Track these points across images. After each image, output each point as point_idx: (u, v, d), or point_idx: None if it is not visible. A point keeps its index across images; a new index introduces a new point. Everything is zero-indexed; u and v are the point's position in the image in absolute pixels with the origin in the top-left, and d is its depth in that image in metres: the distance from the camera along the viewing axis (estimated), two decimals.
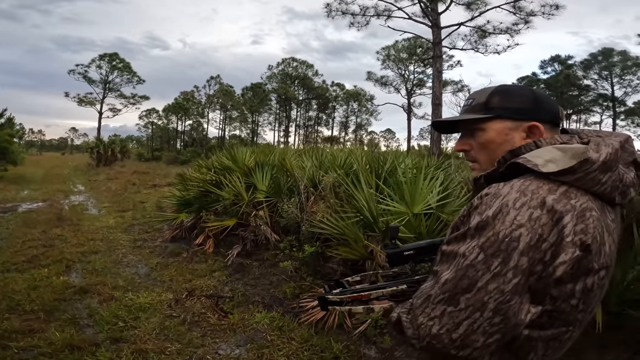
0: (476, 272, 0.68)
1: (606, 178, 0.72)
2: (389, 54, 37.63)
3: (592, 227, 0.69)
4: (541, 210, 0.68)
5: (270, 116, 46.26)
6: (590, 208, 0.70)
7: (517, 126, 0.82)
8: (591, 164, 0.71)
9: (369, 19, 15.60)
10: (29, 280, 3.60)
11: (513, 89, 0.85)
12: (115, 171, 17.38)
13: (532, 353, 0.73)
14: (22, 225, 6.09)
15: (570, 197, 0.70)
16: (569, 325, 0.72)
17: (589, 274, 0.70)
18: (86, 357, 2.36)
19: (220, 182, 5.08)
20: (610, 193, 0.74)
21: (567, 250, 0.67)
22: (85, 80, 40.19)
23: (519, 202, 0.69)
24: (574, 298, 0.70)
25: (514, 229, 0.68)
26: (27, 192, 10.58)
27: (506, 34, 15.23)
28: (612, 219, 0.75)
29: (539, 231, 0.67)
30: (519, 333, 0.71)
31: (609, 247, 0.72)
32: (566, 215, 0.68)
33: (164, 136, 44.43)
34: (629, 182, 0.76)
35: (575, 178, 0.71)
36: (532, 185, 0.71)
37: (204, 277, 3.99)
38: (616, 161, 0.74)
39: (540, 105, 0.82)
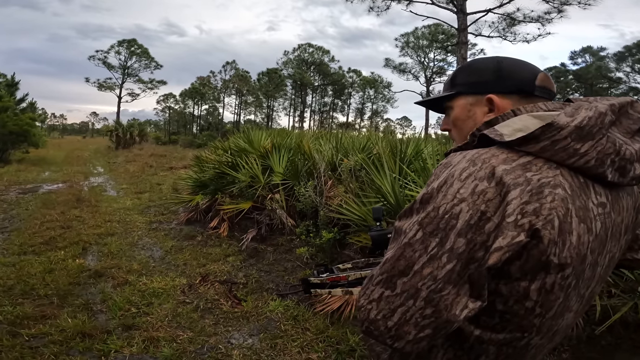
0: (413, 252, 0.58)
1: (586, 148, 0.58)
2: (408, 41, 36.71)
3: (549, 208, 0.55)
4: (488, 182, 0.56)
5: (286, 101, 46.11)
6: (556, 185, 0.56)
7: (478, 100, 0.74)
8: (558, 130, 0.58)
9: (390, 3, 15.04)
10: (45, 263, 3.58)
11: (476, 63, 0.77)
12: (134, 154, 17.62)
13: (483, 356, 0.64)
14: (42, 207, 6.16)
15: (529, 169, 0.57)
16: (523, 331, 0.61)
17: (547, 270, 0.56)
18: (97, 345, 2.29)
19: (236, 164, 4.96)
20: (597, 168, 0.59)
21: (505, 233, 0.54)
22: (104, 66, 40.84)
23: (465, 172, 0.58)
24: (528, 300, 0.58)
25: (455, 204, 0.56)
26: (47, 174, 10.79)
27: (537, 23, 14.45)
28: (598, 203, 0.60)
29: (481, 208, 0.55)
30: (469, 332, 0.62)
31: (577, 237, 0.57)
32: (514, 189, 0.55)
33: (180, 120, 44.97)
34: (629, 155, 0.60)
35: (541, 147, 0.58)
36: (486, 154, 0.59)
37: (218, 261, 3.91)
38: (600, 127, 0.59)
39: (502, 75, 0.72)
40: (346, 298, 2.69)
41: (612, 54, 33.61)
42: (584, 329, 2.17)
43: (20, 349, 2.21)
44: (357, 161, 3.82)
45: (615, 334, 2.17)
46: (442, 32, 33.73)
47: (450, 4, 13.98)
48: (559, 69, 37.83)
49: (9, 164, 12.31)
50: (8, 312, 2.61)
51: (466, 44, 13.96)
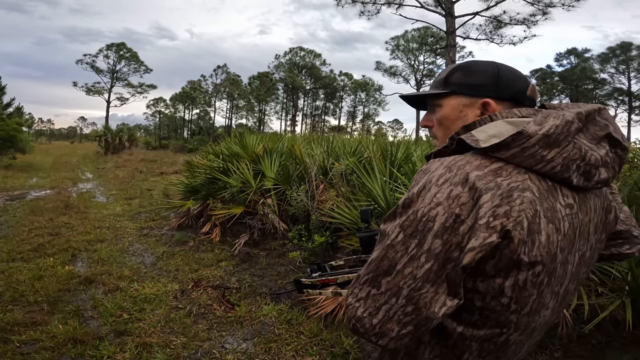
0: (395, 253, 0.62)
1: (553, 155, 0.62)
2: (399, 44, 37.15)
3: (519, 210, 0.59)
4: (462, 187, 0.60)
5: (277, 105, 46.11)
6: (524, 189, 0.60)
7: (472, 103, 0.76)
8: (527, 138, 0.62)
9: (380, 7, 15.22)
10: (34, 270, 3.53)
11: (475, 65, 0.78)
12: (123, 159, 17.42)
13: (466, 353, 0.67)
14: (30, 213, 6.07)
15: (500, 174, 0.61)
16: (502, 326, 0.64)
17: (519, 267, 0.60)
18: (89, 351, 2.27)
19: (227, 169, 4.96)
20: (562, 173, 0.63)
21: (478, 234, 0.58)
22: (93, 70, 40.41)
23: (442, 178, 0.62)
24: (504, 296, 0.62)
25: (432, 208, 0.60)
26: (35, 180, 10.61)
27: (523, 25, 14.78)
28: (566, 204, 0.65)
29: (456, 211, 0.59)
30: (452, 329, 0.66)
31: (547, 237, 0.61)
32: (486, 193, 0.59)
33: (171, 125, 44.60)
34: (594, 161, 0.64)
35: (511, 154, 0.62)
36: (462, 161, 0.63)
37: (210, 266, 3.89)
38: (567, 135, 0.63)
39: (500, 82, 0.74)
40: (339, 300, 2.71)
41: (596, 55, 34.56)
42: (574, 328, 2.20)
43: (12, 355, 2.19)
44: (348, 165, 3.86)
45: (605, 333, 2.22)
46: (432, 35, 34.20)
47: (439, 7, 14.20)
48: (544, 71, 38.57)
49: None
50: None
51: (454, 47, 14.18)
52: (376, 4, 15.20)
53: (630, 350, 2.09)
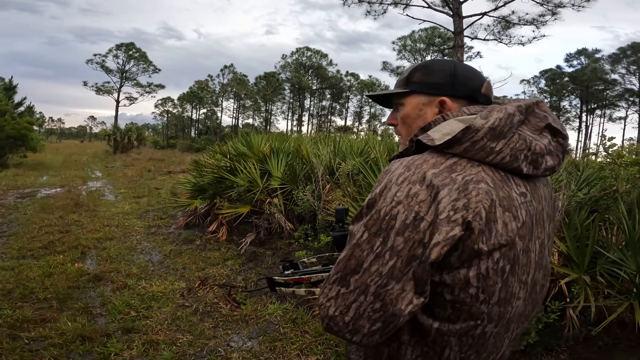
0: (362, 252, 0.65)
1: (501, 146, 0.66)
2: (405, 44, 36.96)
3: (476, 201, 0.62)
4: (420, 185, 0.63)
5: (284, 105, 46.17)
6: (478, 180, 0.64)
7: (431, 101, 0.79)
8: (475, 132, 0.66)
9: (386, 7, 15.13)
10: (44, 267, 3.59)
11: (434, 63, 0.82)
12: (132, 158, 17.60)
13: (447, 349, 0.68)
14: (40, 211, 6.16)
15: (455, 170, 0.64)
16: (475, 318, 0.66)
17: (480, 257, 0.63)
18: (97, 348, 2.30)
19: (234, 169, 4.98)
20: (512, 163, 0.67)
21: (440, 229, 0.61)
22: (102, 70, 40.86)
23: (401, 177, 0.65)
24: (471, 287, 0.64)
25: (393, 206, 0.63)
26: (45, 178, 10.77)
27: (532, 25, 14.59)
28: (520, 193, 0.68)
29: (415, 208, 0.62)
30: (429, 326, 0.67)
31: (503, 225, 0.63)
32: (443, 189, 0.62)
33: (178, 124, 44.93)
34: (539, 150, 0.69)
35: (463, 148, 0.66)
36: (419, 160, 0.67)
37: (216, 265, 3.92)
38: (510, 127, 0.67)
39: (456, 80, 0.78)
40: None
41: (607, 55, 33.96)
42: (581, 330, 2.18)
43: (21, 352, 2.22)
44: (354, 165, 3.86)
45: (612, 335, 2.19)
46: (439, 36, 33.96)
47: (446, 7, 14.09)
48: (554, 71, 38.09)
49: (7, 169, 12.28)
50: (8, 315, 2.61)
51: (462, 47, 14.06)
52: (383, 4, 15.12)
53: (637, 352, 2.07)
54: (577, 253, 2.22)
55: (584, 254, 2.20)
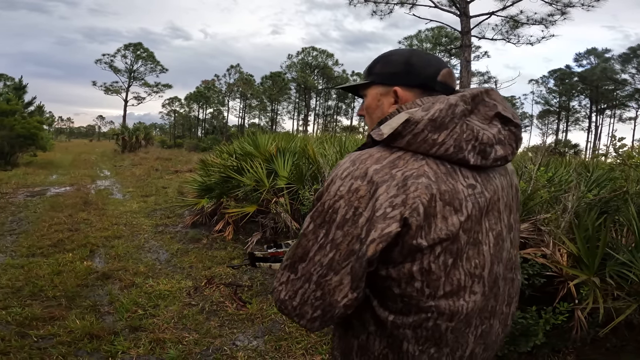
0: (308, 241, 0.67)
1: (443, 137, 0.65)
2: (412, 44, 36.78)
3: (413, 197, 0.62)
4: (362, 181, 0.64)
5: (290, 105, 46.26)
6: (419, 175, 0.63)
7: (387, 91, 0.79)
8: (415, 124, 0.66)
9: (392, 7, 15.04)
10: (53, 265, 3.63)
11: (391, 54, 0.82)
12: (140, 157, 17.76)
13: (405, 341, 0.69)
14: (50, 209, 6.24)
15: (397, 165, 0.65)
16: (425, 311, 0.67)
17: (421, 251, 0.63)
18: (104, 346, 2.32)
19: (241, 168, 5.00)
20: (457, 154, 0.66)
21: (377, 226, 0.62)
22: (111, 70, 41.35)
23: (346, 172, 0.66)
24: (416, 280, 0.65)
25: (336, 200, 0.64)
26: (55, 177, 10.92)
27: (540, 25, 14.41)
28: (467, 185, 0.67)
29: (355, 204, 0.63)
30: (385, 318, 0.69)
31: (443, 219, 0.63)
32: (382, 186, 0.62)
33: (185, 124, 45.23)
34: (487, 140, 0.68)
35: (406, 142, 0.66)
36: (365, 155, 0.67)
37: (223, 264, 3.94)
38: (452, 117, 0.67)
39: (410, 69, 0.77)
40: None
41: (617, 55, 33.64)
42: (589, 332, 2.17)
43: (29, 350, 2.25)
44: None
45: (620, 336, 2.17)
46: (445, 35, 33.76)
47: (453, 7, 13.98)
48: (563, 71, 37.69)
49: (17, 167, 12.47)
50: (17, 313, 2.65)
51: (470, 47, 13.94)
52: (389, 4, 15.05)
53: None
54: (588, 254, 2.19)
55: (594, 255, 2.17)
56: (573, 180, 2.87)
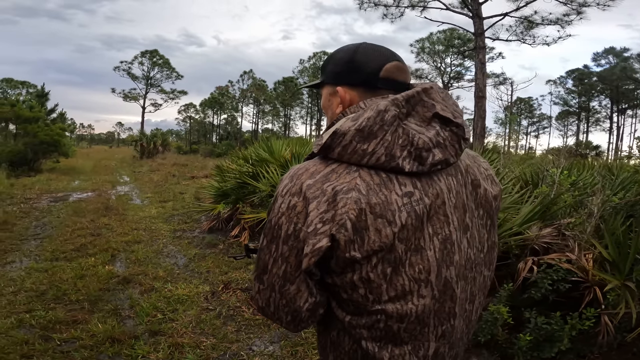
0: (264, 255, 0.70)
1: (373, 147, 0.64)
2: (424, 47, 36.56)
3: (341, 213, 0.63)
4: (298, 197, 0.65)
5: (302, 110, 46.44)
6: (349, 189, 0.63)
7: (334, 91, 0.77)
8: (342, 136, 0.65)
9: (403, 10, 14.99)
10: (77, 269, 3.73)
11: (338, 51, 0.79)
12: (157, 163, 18.13)
13: (362, 340, 0.71)
14: (73, 214, 6.43)
15: (329, 179, 0.65)
16: (374, 314, 0.69)
17: (357, 262, 0.65)
18: (125, 350, 2.36)
19: (256, 174, 5.04)
20: (389, 162, 0.64)
21: (308, 241, 0.64)
22: (129, 77, 42.44)
23: (285, 189, 0.67)
24: (359, 288, 0.67)
25: (279, 217, 0.67)
26: (77, 183, 11.25)
27: (556, 25, 14.16)
28: (404, 193, 0.65)
29: (294, 220, 0.65)
30: (343, 318, 0.71)
31: (375, 231, 0.63)
32: (312, 202, 0.64)
33: (200, 130, 46.00)
34: (422, 144, 0.65)
35: (337, 153, 0.66)
36: (301, 169, 0.68)
37: (239, 269, 3.97)
38: (382, 124, 0.64)
39: (352, 67, 0.74)
40: None
41: (635, 54, 32.56)
42: (615, 337, 2.11)
43: (53, 353, 2.30)
44: None
45: None
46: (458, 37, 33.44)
47: (465, 9, 13.84)
48: (582, 71, 36.81)
49: (41, 173, 12.90)
50: (41, 316, 2.72)
51: (484, 49, 13.76)
52: (399, 7, 15.01)
53: None
54: (619, 259, 2.14)
55: (625, 260, 2.11)
56: (598, 183, 2.79)
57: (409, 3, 14.82)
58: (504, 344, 2.21)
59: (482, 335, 2.21)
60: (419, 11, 14.76)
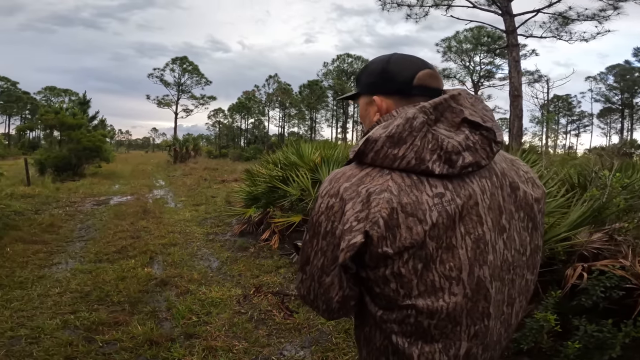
0: (307, 248, 0.77)
1: (403, 151, 0.69)
2: (450, 46, 35.66)
3: (374, 212, 0.68)
4: (335, 198, 0.72)
5: (328, 113, 46.54)
6: (382, 190, 0.68)
7: (370, 101, 0.83)
8: (374, 142, 0.71)
9: (428, 9, 14.68)
10: (118, 271, 3.91)
11: (371, 62, 0.86)
12: (189, 167, 18.77)
13: (393, 335, 0.75)
14: (114, 217, 6.77)
15: (364, 182, 0.71)
16: (405, 309, 0.72)
17: (390, 258, 0.69)
18: (162, 353, 2.44)
19: (286, 178, 5.10)
20: (419, 165, 0.69)
21: (344, 237, 0.69)
22: (162, 83, 44.26)
23: (324, 191, 0.74)
24: (390, 282, 0.71)
25: (319, 215, 0.74)
26: (117, 187, 11.85)
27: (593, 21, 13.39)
28: (435, 194, 0.69)
29: (332, 218, 0.72)
30: (375, 313, 0.76)
31: (407, 228, 0.68)
32: (349, 202, 0.70)
33: (229, 134, 47.16)
34: (452, 148, 0.69)
35: (371, 159, 0.71)
36: (339, 174, 0.74)
37: (270, 273, 4.02)
38: (410, 131, 0.70)
39: (386, 76, 0.80)
40: None
41: None
42: None
43: (95, 355, 2.39)
44: None
45: None
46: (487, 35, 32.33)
47: (494, 6, 13.35)
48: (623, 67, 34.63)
49: (84, 178, 13.70)
50: (85, 317, 2.85)
51: (517, 46, 13.20)
52: (423, 7, 14.70)
53: None
54: None
55: None
56: None
57: (433, 2, 14.51)
58: (548, 351, 2.15)
59: (525, 342, 2.17)
60: (444, 10, 14.42)
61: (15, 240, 4.91)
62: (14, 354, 2.37)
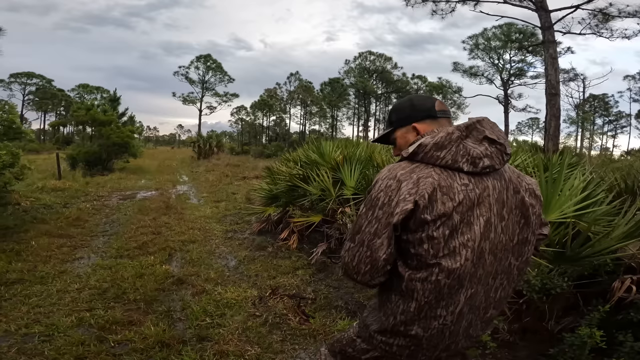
0: (361, 219, 1.04)
1: (443, 154, 1.01)
2: (478, 43, 34.47)
3: (422, 189, 0.97)
4: (393, 180, 1.01)
5: (349, 111, 46.19)
6: (427, 176, 0.99)
7: (408, 129, 1.16)
8: (425, 146, 1.02)
9: (454, 5, 14.13)
10: (137, 267, 3.90)
11: (398, 104, 1.21)
12: (212, 164, 19.03)
13: (415, 292, 1.01)
14: (138, 212, 6.88)
15: (414, 171, 1.01)
16: (430, 267, 0.98)
17: (427, 223, 0.96)
18: (173, 355, 2.37)
19: (307, 177, 4.98)
20: (453, 164, 1.00)
21: (400, 205, 0.97)
22: (187, 81, 45.28)
23: (384, 175, 1.03)
24: (424, 243, 0.98)
25: (379, 192, 1.02)
26: (143, 182, 12.13)
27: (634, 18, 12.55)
28: (462, 183, 0.99)
29: (389, 194, 1.00)
30: (404, 273, 1.02)
31: (442, 203, 0.96)
32: (404, 182, 0.99)
33: (251, 131, 47.67)
34: (476, 154, 1.01)
35: (420, 157, 1.03)
36: (396, 165, 1.05)
37: (287, 274, 3.92)
38: (450, 141, 1.02)
39: (415, 109, 1.15)
40: None
41: None
42: None
43: (105, 356, 2.33)
44: None
45: None
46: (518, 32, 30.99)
47: (526, 1, 12.69)
48: None
49: (113, 172, 14.14)
50: (100, 316, 2.82)
51: (554, 43, 12.49)
52: (450, 2, 14.15)
53: None
54: None
55: None
56: None
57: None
58: None
59: (564, 359, 2.07)
60: (473, 5, 13.85)
61: (41, 234, 5.03)
62: (25, 351, 2.35)
